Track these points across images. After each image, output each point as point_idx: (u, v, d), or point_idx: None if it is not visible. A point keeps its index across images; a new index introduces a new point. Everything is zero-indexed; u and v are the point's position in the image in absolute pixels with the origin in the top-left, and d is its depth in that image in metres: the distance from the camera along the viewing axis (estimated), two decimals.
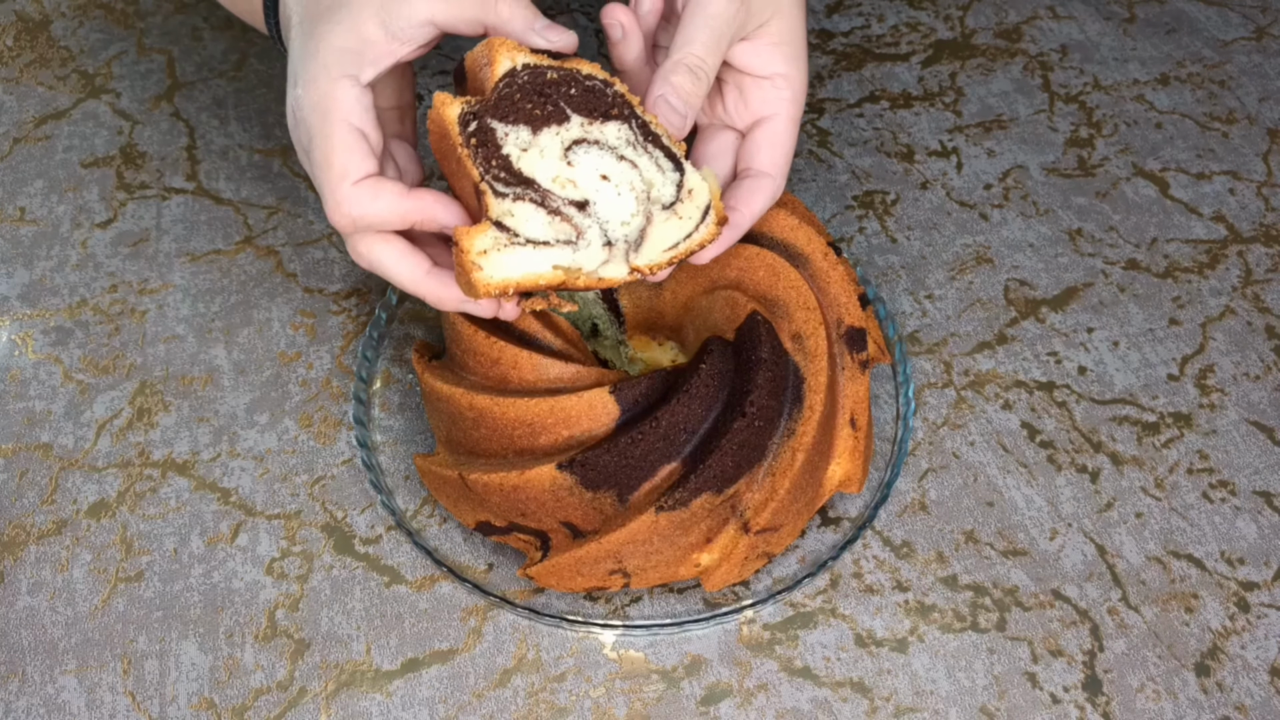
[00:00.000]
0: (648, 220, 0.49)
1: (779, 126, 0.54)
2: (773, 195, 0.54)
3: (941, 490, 0.60)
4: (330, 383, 0.65)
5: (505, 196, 0.47)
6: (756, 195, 0.54)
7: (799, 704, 0.54)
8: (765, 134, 0.54)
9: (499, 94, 0.47)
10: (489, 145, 0.47)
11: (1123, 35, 0.83)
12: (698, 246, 0.50)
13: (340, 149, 0.48)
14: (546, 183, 0.47)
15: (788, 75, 0.54)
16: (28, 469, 0.61)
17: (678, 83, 0.50)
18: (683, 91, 0.50)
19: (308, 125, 0.49)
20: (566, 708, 0.53)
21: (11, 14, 0.85)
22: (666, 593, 0.57)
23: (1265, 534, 0.59)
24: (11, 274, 0.70)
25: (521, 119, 0.47)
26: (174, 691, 0.54)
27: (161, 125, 0.77)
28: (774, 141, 0.54)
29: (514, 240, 0.47)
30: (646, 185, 0.49)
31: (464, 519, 0.57)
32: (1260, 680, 0.54)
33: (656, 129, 0.49)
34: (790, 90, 0.54)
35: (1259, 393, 0.64)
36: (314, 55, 0.48)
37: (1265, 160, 0.75)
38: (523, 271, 0.47)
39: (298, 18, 0.50)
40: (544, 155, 0.48)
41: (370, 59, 0.48)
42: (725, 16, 0.51)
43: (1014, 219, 0.72)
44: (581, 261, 0.48)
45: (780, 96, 0.54)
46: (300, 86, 0.49)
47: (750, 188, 0.54)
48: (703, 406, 0.53)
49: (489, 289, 0.47)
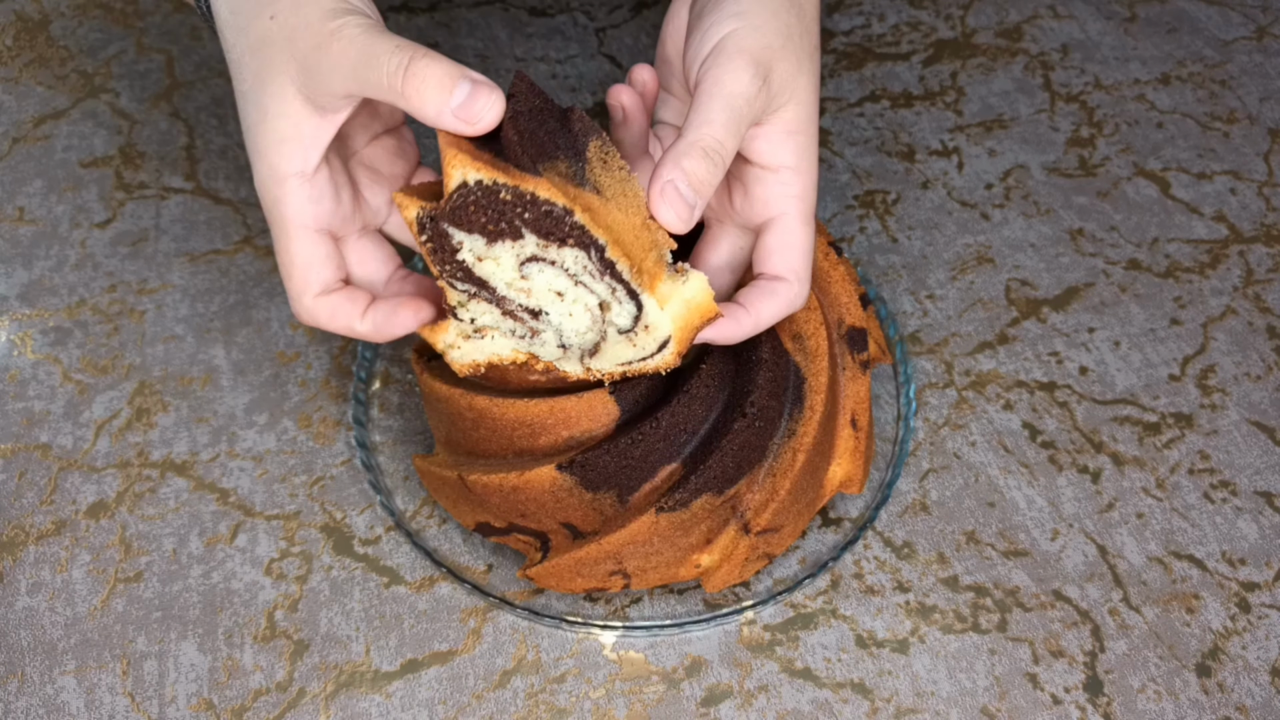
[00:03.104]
0: (602, 337, 0.48)
1: (788, 226, 0.49)
2: (790, 302, 0.50)
3: (942, 491, 0.60)
4: (329, 383, 0.64)
5: (464, 293, 0.48)
6: (768, 299, 0.49)
7: (799, 705, 0.53)
8: (774, 237, 0.50)
9: (452, 204, 0.45)
10: (445, 250, 0.46)
11: (1124, 35, 0.83)
12: (653, 370, 0.49)
13: (299, 262, 0.48)
14: (502, 288, 0.47)
15: (797, 169, 0.49)
16: (27, 469, 0.61)
17: (690, 168, 0.45)
18: (695, 178, 0.45)
19: (269, 218, 0.48)
20: (566, 709, 0.53)
21: (11, 14, 0.85)
22: (667, 594, 0.56)
23: (1266, 534, 0.59)
24: (10, 274, 0.69)
25: (476, 230, 0.46)
26: (173, 692, 0.54)
27: (160, 125, 0.77)
28: (785, 243, 0.49)
29: (475, 332, 0.49)
30: (603, 308, 0.47)
31: (463, 520, 0.57)
32: (1261, 681, 0.54)
33: (615, 258, 0.45)
34: (798, 187, 0.49)
35: (1260, 393, 0.64)
36: (260, 152, 0.47)
37: (1266, 160, 0.75)
38: (488, 354, 0.50)
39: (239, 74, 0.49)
40: (499, 264, 0.46)
41: (311, 143, 0.46)
42: (747, 96, 0.46)
43: (1015, 219, 0.72)
44: (539, 353, 0.50)
45: (787, 194, 0.49)
46: (255, 177, 0.48)
47: (763, 290, 0.49)
48: (703, 407, 0.53)
49: (463, 369, 0.51)
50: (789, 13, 0.49)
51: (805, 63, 0.49)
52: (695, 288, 0.46)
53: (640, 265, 0.45)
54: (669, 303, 0.46)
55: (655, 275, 0.46)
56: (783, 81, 0.48)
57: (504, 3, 0.85)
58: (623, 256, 0.45)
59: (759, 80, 0.47)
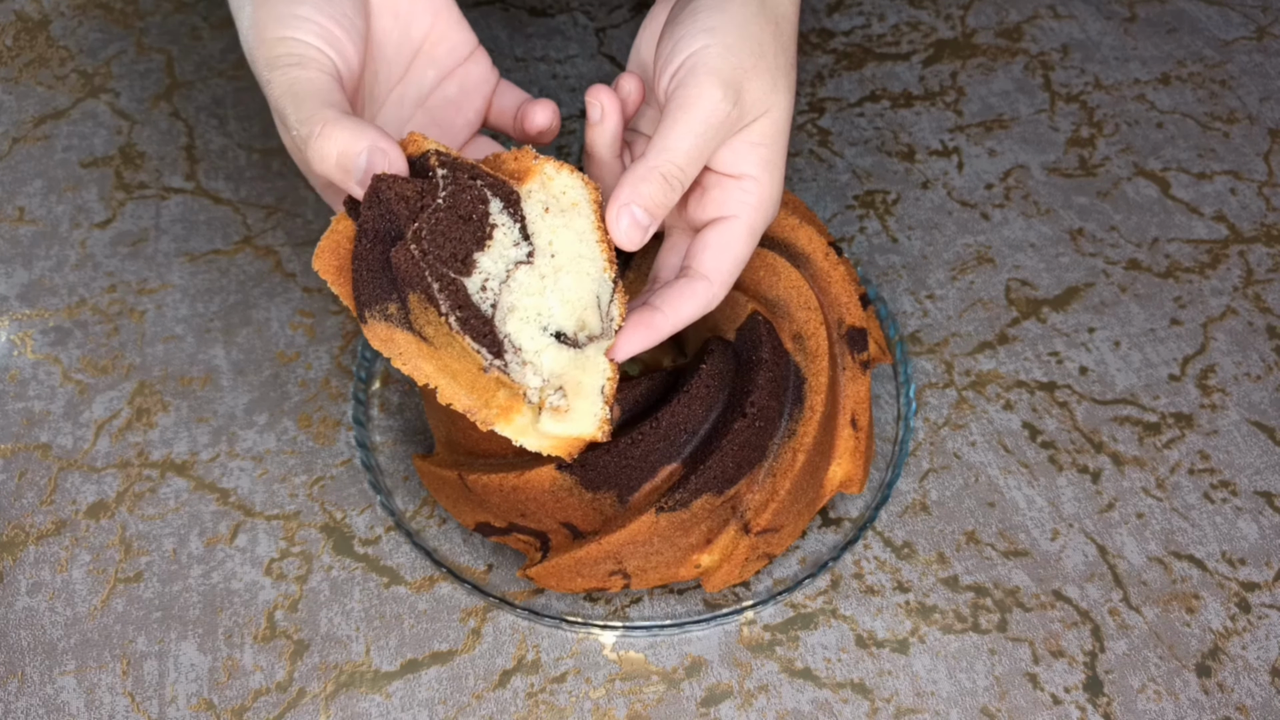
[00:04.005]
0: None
1: (733, 230, 0.48)
2: (707, 303, 0.48)
3: (942, 491, 0.60)
4: (329, 383, 0.64)
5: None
6: (686, 300, 0.48)
7: (800, 705, 0.53)
8: (716, 234, 0.48)
9: None
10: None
11: (1124, 35, 0.83)
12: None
13: None
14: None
15: (758, 179, 0.48)
16: (26, 469, 0.61)
17: (647, 193, 0.45)
18: (652, 202, 0.46)
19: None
20: (566, 709, 0.53)
21: (11, 14, 0.85)
22: (667, 594, 0.56)
23: (1266, 534, 0.59)
24: (10, 274, 0.69)
25: None
26: (173, 692, 0.54)
27: (160, 125, 0.77)
28: (724, 244, 0.48)
29: None
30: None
31: (463, 519, 0.57)
32: (1261, 681, 0.54)
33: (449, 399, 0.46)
34: (756, 196, 0.48)
35: (1260, 393, 0.64)
36: None
37: (1266, 160, 0.75)
38: None
39: None
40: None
41: None
42: (715, 120, 0.46)
43: (1015, 219, 0.72)
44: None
45: (744, 200, 0.48)
46: None
47: (682, 291, 0.48)
48: (703, 407, 0.53)
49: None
50: (762, 28, 0.48)
51: (780, 79, 0.48)
52: (563, 429, 0.47)
53: (488, 401, 0.46)
54: (526, 436, 0.47)
55: (510, 409, 0.47)
56: (755, 99, 0.47)
57: (504, 3, 0.85)
58: (459, 393, 0.46)
59: (729, 102, 0.46)
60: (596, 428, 0.48)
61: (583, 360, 0.47)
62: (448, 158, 0.45)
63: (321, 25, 0.46)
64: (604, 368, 0.47)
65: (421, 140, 0.46)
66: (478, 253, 0.46)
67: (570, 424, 0.47)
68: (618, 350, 0.47)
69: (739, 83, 0.46)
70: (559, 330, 0.47)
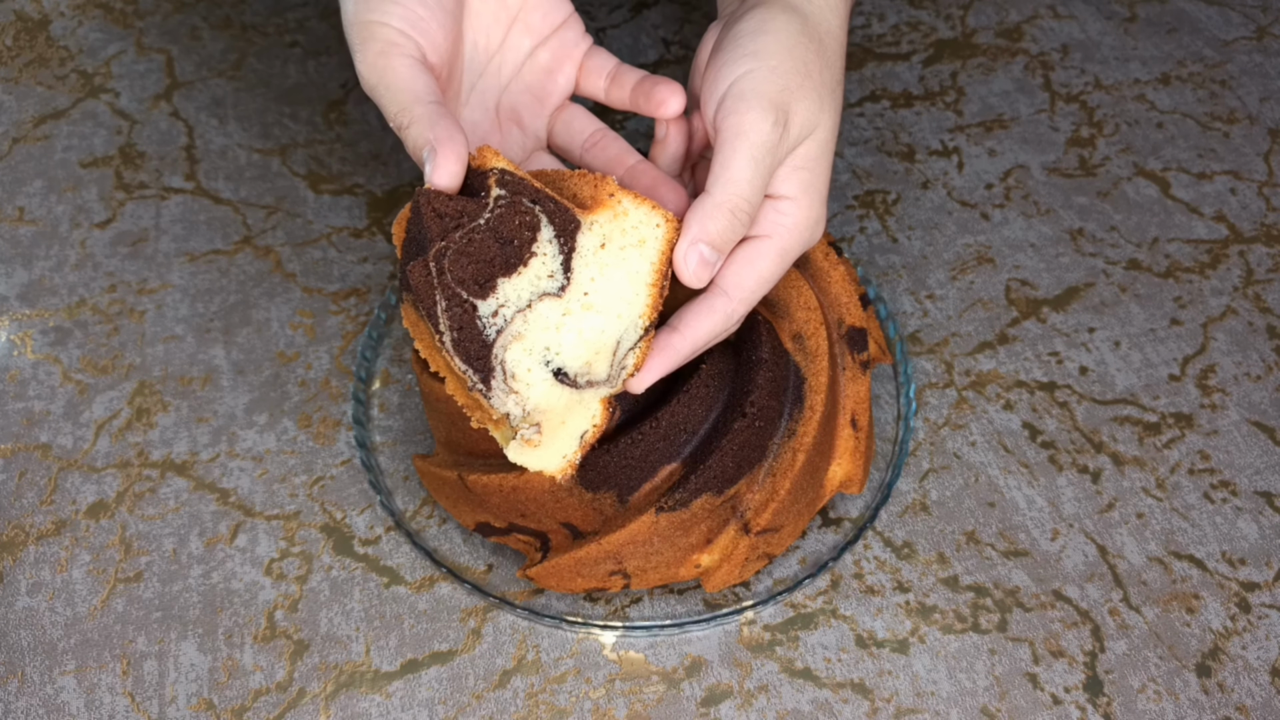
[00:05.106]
0: None
1: (762, 249, 0.47)
2: (725, 318, 0.47)
3: (942, 491, 0.60)
4: (329, 383, 0.64)
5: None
6: (704, 317, 0.47)
7: (800, 705, 0.53)
8: (744, 251, 0.47)
9: None
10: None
11: (1124, 35, 0.83)
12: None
13: None
14: None
15: (796, 200, 0.48)
16: (26, 469, 0.61)
17: (715, 230, 0.45)
18: (720, 239, 0.45)
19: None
20: (566, 709, 0.53)
21: (10, 13, 0.85)
22: (666, 594, 0.56)
23: (1266, 534, 0.59)
24: (10, 274, 0.69)
25: None
26: (173, 692, 0.54)
27: (160, 125, 0.77)
28: (749, 260, 0.47)
29: None
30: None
31: (463, 520, 0.57)
32: (1261, 681, 0.54)
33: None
34: (793, 218, 0.48)
35: (1260, 393, 0.64)
36: None
37: (1266, 160, 0.75)
38: None
39: None
40: None
41: None
42: (768, 146, 0.45)
43: (1015, 219, 0.72)
44: None
45: (779, 221, 0.48)
46: None
47: (699, 308, 0.47)
48: (703, 407, 0.53)
49: None
50: (806, 48, 0.47)
51: (827, 99, 0.48)
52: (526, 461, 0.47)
53: (480, 405, 0.47)
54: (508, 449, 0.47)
55: (500, 421, 0.47)
56: (804, 122, 0.47)
57: None
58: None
59: (779, 127, 0.46)
60: (559, 469, 0.47)
61: (574, 402, 0.47)
62: (510, 177, 0.45)
63: (409, 9, 0.47)
64: (594, 414, 0.47)
65: (491, 156, 0.46)
66: (502, 278, 0.45)
67: (535, 459, 0.47)
68: (639, 381, 0.47)
69: (786, 105, 0.46)
70: (561, 368, 0.47)
